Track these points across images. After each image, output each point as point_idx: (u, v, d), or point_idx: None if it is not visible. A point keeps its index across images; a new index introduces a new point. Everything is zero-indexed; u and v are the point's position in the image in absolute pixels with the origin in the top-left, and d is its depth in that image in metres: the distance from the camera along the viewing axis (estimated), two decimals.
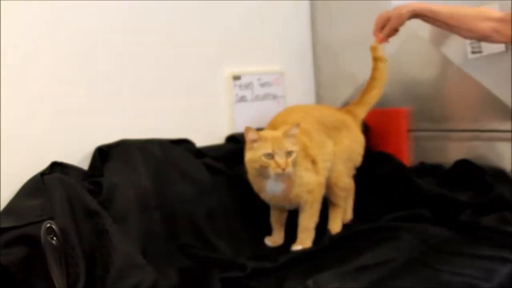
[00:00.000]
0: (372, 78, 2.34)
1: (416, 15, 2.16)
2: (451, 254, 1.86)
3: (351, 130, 2.30)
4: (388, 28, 2.20)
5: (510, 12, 2.04)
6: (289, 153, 1.92)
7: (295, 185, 2.01)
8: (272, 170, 1.90)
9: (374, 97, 2.35)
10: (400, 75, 2.56)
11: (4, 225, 1.60)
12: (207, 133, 2.37)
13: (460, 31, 2.14)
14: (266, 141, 1.92)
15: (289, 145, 1.93)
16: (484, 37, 2.11)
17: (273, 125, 2.09)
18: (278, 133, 1.96)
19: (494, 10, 2.11)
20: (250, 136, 1.94)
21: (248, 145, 1.96)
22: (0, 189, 1.74)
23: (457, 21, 2.12)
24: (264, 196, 2.05)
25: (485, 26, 2.07)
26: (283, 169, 1.89)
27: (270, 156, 1.90)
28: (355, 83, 2.74)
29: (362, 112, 2.36)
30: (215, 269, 1.80)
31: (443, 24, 2.15)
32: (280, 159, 1.90)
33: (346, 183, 2.26)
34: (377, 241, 1.99)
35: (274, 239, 2.16)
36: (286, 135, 1.94)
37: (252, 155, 1.94)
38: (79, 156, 1.96)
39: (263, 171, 1.93)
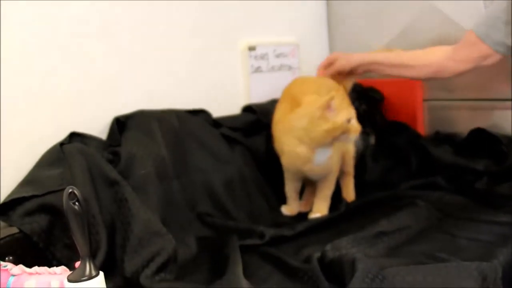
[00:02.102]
0: None
1: (363, 65, 2.26)
2: (468, 221, 1.88)
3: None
4: (332, 68, 2.29)
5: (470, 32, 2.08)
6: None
7: (334, 151, 2.04)
8: (354, 133, 1.93)
9: None
10: (416, 45, 2.54)
11: (24, 194, 1.62)
12: (223, 104, 2.37)
13: (411, 72, 2.21)
14: (342, 109, 1.93)
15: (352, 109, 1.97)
16: (438, 70, 2.15)
17: (292, 97, 2.06)
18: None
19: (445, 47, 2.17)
20: (331, 107, 1.92)
21: (322, 116, 1.91)
22: (19, 159, 1.76)
23: (406, 65, 2.21)
24: (308, 168, 2.02)
25: (437, 58, 2.14)
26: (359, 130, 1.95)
27: (349, 121, 1.92)
28: None
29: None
30: (233, 237, 1.81)
31: (394, 70, 2.24)
32: (356, 122, 1.93)
33: (353, 152, 2.27)
34: (393, 209, 1.99)
35: (291, 208, 2.17)
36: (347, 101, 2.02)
37: (333, 124, 1.90)
38: (97, 126, 1.97)
39: (340, 137, 1.93)
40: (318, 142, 1.95)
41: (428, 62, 2.15)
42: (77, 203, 1.22)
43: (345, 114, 1.91)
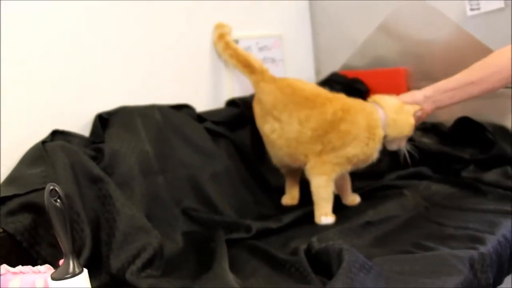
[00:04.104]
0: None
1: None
2: (455, 209, 1.88)
3: None
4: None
5: None
6: None
7: None
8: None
9: None
10: (399, 34, 2.55)
11: (6, 193, 1.60)
12: (207, 98, 2.36)
13: (481, 86, 1.97)
14: None
15: None
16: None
17: (315, 98, 2.02)
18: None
19: None
20: None
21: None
22: (1, 159, 1.74)
23: (471, 81, 1.97)
24: (373, 158, 2.01)
25: (505, 60, 1.91)
26: None
27: None
28: (354, 45, 2.73)
29: None
30: (220, 231, 1.81)
31: (462, 94, 2.01)
32: None
33: None
34: (380, 199, 2.02)
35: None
36: None
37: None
38: (79, 123, 1.95)
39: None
40: (406, 135, 2.01)
41: (498, 68, 1.93)
42: (58, 200, 1.21)
43: None
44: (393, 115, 1.94)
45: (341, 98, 2.02)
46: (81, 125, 1.96)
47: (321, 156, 1.96)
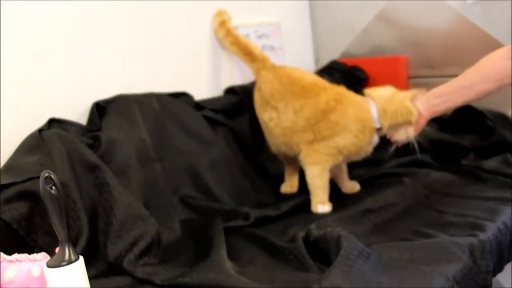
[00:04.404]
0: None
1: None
2: (455, 197, 1.87)
3: None
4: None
5: None
6: None
7: None
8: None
9: None
10: (399, 22, 2.53)
11: (2, 181, 1.59)
12: (206, 86, 2.35)
13: (476, 89, 1.93)
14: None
15: None
16: (503, 75, 1.89)
17: (312, 87, 2.01)
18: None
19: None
20: None
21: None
22: (1, 151, 1.73)
23: (465, 85, 1.95)
24: (366, 150, 1.99)
25: (495, 64, 1.90)
26: None
27: None
28: (353, 32, 2.72)
29: None
30: (218, 219, 1.80)
31: (456, 98, 1.98)
32: None
33: None
34: (380, 187, 2.01)
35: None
36: None
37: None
38: (76, 112, 1.94)
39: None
40: (405, 121, 1.94)
41: (489, 72, 1.92)
42: (53, 187, 1.20)
43: None
44: (382, 105, 1.92)
45: (336, 88, 2.01)
46: (78, 114, 1.95)
47: (312, 145, 1.96)
